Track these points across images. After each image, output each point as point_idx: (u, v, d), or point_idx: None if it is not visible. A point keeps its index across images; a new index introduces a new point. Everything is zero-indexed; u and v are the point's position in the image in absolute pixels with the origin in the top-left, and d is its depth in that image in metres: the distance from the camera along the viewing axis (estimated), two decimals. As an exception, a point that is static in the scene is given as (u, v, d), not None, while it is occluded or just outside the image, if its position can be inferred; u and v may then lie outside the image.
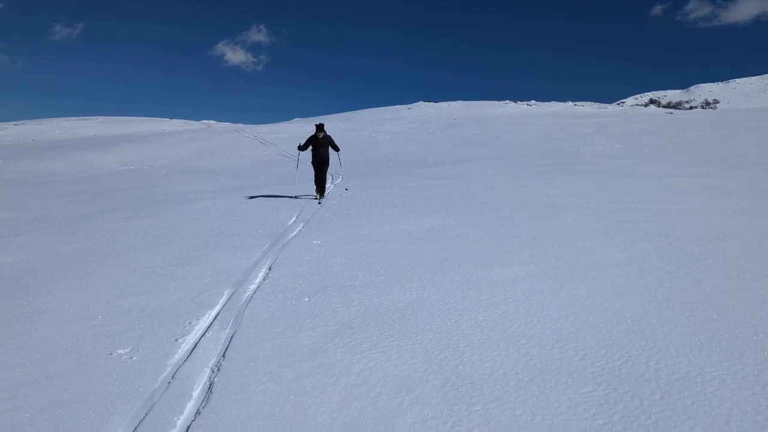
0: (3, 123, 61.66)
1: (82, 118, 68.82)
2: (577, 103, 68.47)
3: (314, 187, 12.56)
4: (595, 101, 72.06)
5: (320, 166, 12.19)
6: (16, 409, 3.19)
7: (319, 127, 11.94)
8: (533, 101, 70.51)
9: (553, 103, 69.82)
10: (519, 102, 69.64)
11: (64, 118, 67.92)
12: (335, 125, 44.83)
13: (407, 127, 42.07)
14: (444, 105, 66.38)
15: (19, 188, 17.56)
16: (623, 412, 2.99)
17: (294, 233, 8.13)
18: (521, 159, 20.73)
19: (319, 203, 11.21)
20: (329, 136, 12.22)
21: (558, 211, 9.03)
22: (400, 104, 63.41)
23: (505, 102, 66.21)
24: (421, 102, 67.84)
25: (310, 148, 12.15)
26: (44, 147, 38.53)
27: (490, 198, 10.73)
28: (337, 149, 12.33)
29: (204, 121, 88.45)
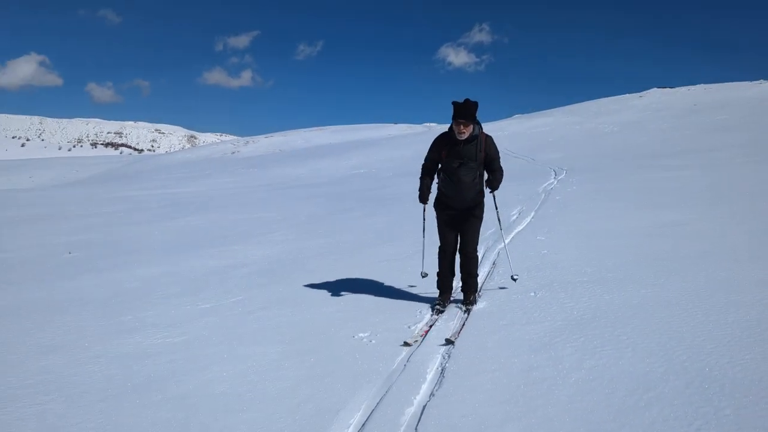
0: (256, 136, 70.69)
1: (318, 128, 76.01)
2: None
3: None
4: None
5: (457, 213, 5.21)
6: (280, 379, 3.69)
7: (462, 113, 4.66)
8: (795, 77, 60.42)
9: (825, 76, 58.99)
10: (776, 79, 60.20)
11: (304, 129, 75.62)
12: (557, 119, 42.94)
13: (638, 116, 38.93)
14: (681, 90, 60.03)
15: (272, 192, 20.04)
16: None
17: (519, 229, 8.11)
18: (779, 144, 18.01)
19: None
20: (489, 138, 4.92)
21: (829, 201, 7.73)
22: (629, 92, 58.48)
23: (758, 82, 57.64)
24: (655, 89, 62.04)
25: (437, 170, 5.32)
26: (288, 156, 43.46)
27: (739, 190, 9.55)
28: (494, 183, 4.99)
29: (426, 124, 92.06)
